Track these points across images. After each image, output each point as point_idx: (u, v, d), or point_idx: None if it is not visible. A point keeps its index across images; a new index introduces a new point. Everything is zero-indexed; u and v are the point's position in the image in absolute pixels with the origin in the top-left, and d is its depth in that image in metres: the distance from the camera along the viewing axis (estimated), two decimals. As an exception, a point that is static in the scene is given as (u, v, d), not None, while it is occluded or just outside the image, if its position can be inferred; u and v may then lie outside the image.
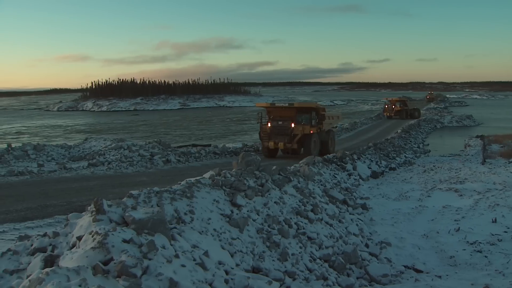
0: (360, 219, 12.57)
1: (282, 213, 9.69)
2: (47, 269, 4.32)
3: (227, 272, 6.28)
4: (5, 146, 26.80)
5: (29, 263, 5.95)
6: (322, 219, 10.67)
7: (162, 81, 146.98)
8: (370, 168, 21.14)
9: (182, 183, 8.73)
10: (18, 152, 24.84)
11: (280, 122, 27.18)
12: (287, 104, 27.92)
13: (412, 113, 58.16)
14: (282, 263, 7.92)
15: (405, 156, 27.65)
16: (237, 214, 8.53)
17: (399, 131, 39.57)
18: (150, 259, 5.31)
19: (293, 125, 26.68)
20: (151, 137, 40.23)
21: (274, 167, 12.20)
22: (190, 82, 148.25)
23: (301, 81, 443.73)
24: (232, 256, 7.18)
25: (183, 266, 5.61)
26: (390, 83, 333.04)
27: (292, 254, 8.28)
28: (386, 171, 22.16)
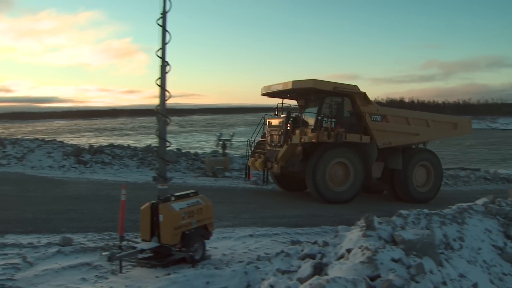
0: None
1: None
2: (326, 277, 4.69)
3: (495, 309, 5.93)
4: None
5: (299, 267, 6.48)
6: None
7: (431, 101, 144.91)
8: None
9: (453, 207, 8.46)
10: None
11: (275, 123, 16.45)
12: (281, 86, 15.91)
13: None
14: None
15: None
16: (510, 247, 7.93)
17: None
18: (417, 282, 5.29)
19: (288, 127, 15.35)
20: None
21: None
22: (460, 102, 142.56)
23: None
24: (501, 292, 6.73)
25: (450, 294, 5.48)
26: None
27: None
28: None
